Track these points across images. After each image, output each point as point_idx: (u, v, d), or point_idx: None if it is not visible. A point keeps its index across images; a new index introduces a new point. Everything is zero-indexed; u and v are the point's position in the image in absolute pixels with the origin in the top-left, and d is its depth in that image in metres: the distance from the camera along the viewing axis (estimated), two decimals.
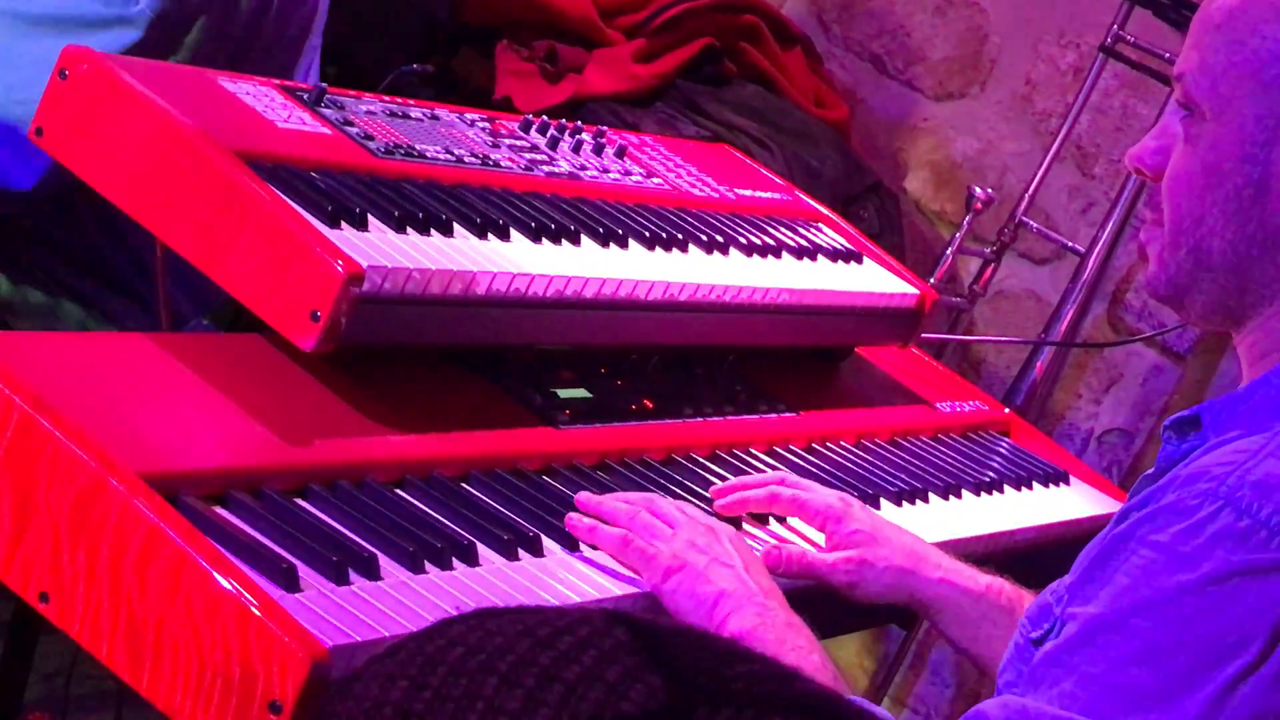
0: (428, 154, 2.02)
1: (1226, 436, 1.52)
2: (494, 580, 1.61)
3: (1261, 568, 1.39)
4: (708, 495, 1.95)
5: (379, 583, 1.52)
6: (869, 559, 1.89)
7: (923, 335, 2.53)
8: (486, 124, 2.21)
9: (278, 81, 2.02)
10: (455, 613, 1.54)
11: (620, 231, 2.08)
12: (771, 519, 1.95)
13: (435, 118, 2.15)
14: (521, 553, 1.67)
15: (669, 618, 1.65)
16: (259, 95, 1.94)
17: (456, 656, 0.82)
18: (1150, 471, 1.62)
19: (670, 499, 1.81)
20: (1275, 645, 1.38)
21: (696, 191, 2.38)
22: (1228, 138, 1.54)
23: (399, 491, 1.69)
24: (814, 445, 2.21)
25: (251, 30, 2.31)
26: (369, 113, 2.05)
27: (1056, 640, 1.47)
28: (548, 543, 1.71)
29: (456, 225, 1.89)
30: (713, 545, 1.72)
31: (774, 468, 2.08)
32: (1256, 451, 1.46)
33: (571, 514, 1.75)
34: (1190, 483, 1.45)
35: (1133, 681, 1.40)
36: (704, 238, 2.21)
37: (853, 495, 2.07)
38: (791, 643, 1.64)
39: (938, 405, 2.51)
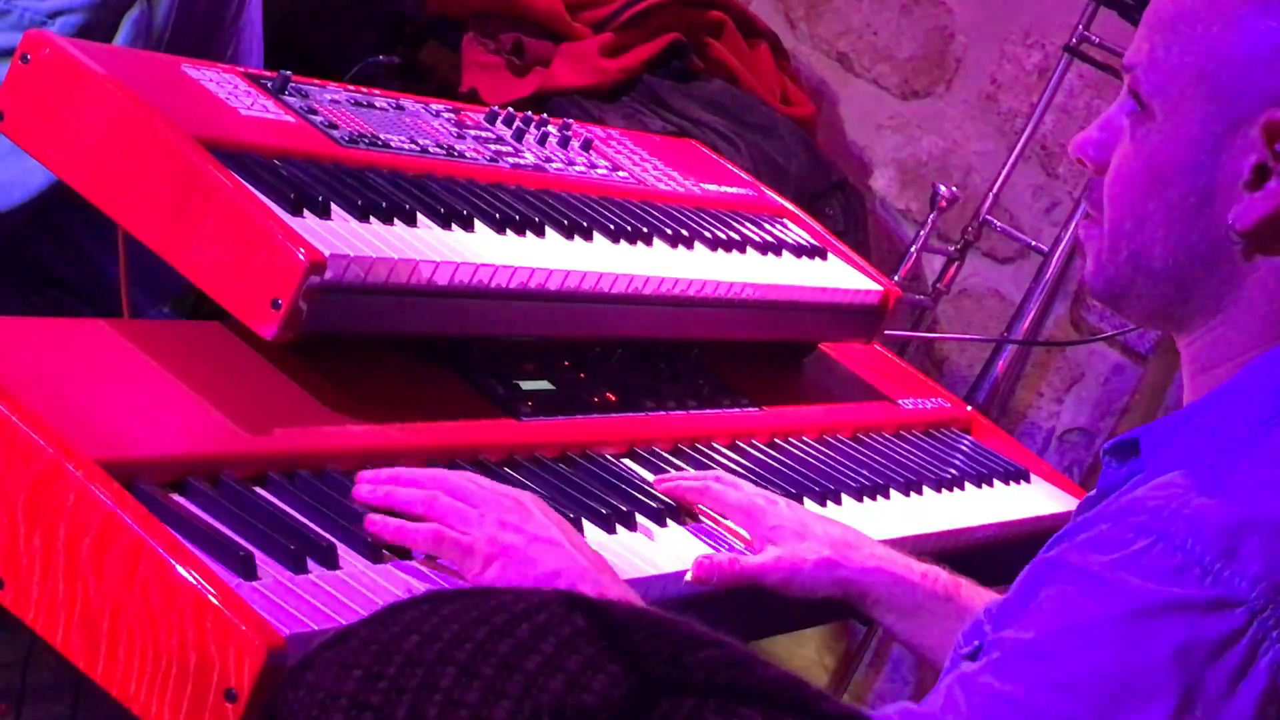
0: (392, 144, 2.01)
1: (1162, 467, 1.46)
2: (453, 570, 1.60)
3: (1193, 603, 1.34)
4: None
5: (337, 572, 1.51)
6: (800, 553, 1.84)
7: (886, 332, 2.53)
8: (452, 115, 2.20)
9: (241, 69, 2.00)
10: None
11: (585, 224, 2.08)
12: (708, 515, 1.93)
13: (400, 108, 2.14)
14: None
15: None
16: (222, 82, 1.92)
17: (412, 645, 0.81)
18: (1092, 494, 1.59)
19: (461, 472, 1.71)
20: (1202, 683, 1.33)
21: (662, 186, 2.38)
22: (1175, 141, 1.47)
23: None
24: (776, 440, 2.21)
25: (179, 30, 2.28)
26: (333, 101, 2.04)
27: (978, 663, 1.42)
28: None
29: (420, 215, 1.89)
30: (525, 520, 1.62)
31: (736, 462, 2.08)
32: (1190, 487, 1.41)
33: (371, 515, 1.59)
34: (1123, 516, 1.41)
35: (1052, 708, 1.35)
36: (669, 232, 2.21)
37: (813, 490, 2.07)
38: None
39: (900, 402, 2.51)
